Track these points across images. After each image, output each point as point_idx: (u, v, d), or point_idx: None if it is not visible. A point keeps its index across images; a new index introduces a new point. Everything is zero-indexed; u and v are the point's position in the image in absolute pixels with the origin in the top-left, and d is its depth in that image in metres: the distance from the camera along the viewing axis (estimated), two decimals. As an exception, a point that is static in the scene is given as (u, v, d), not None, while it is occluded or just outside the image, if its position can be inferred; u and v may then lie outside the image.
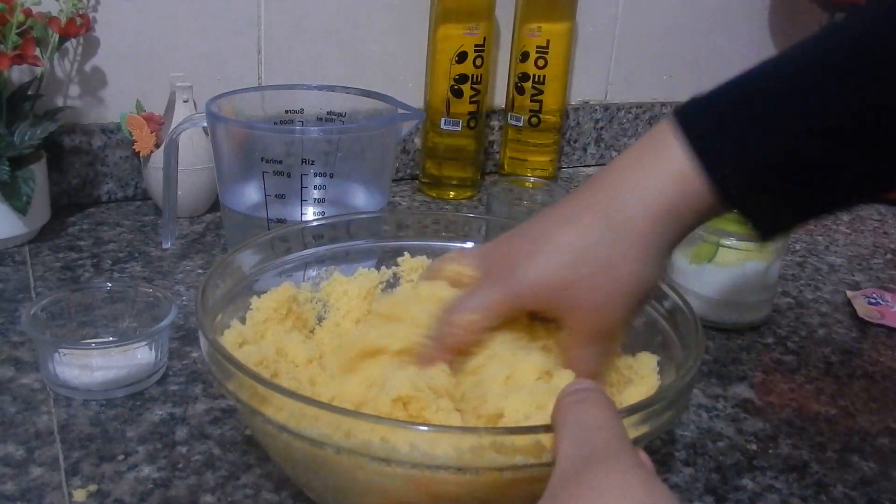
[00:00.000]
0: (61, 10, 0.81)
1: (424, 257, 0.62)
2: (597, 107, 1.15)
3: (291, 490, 0.51)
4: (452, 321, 0.47)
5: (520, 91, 1.04)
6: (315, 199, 0.72)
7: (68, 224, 0.87)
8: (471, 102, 0.98)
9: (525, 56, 1.03)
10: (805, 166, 0.44)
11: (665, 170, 0.44)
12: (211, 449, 0.55)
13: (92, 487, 0.50)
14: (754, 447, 0.59)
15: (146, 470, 0.52)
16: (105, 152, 0.91)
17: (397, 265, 0.62)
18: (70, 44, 0.88)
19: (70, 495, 0.50)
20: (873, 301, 0.81)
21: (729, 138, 0.44)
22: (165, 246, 0.80)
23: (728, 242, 0.72)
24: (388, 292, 0.61)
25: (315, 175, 0.71)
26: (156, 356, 0.61)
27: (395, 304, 0.53)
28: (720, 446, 0.59)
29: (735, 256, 0.73)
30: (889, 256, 0.94)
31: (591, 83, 1.15)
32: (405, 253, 0.62)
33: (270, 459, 0.52)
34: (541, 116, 1.05)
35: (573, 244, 0.44)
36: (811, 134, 0.43)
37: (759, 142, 0.43)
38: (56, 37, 0.81)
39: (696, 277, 0.75)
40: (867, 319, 0.78)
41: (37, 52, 0.79)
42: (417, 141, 1.05)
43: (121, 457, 0.53)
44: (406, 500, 0.42)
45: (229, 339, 0.52)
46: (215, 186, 0.84)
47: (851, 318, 0.79)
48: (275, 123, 0.79)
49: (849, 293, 0.83)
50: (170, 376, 0.62)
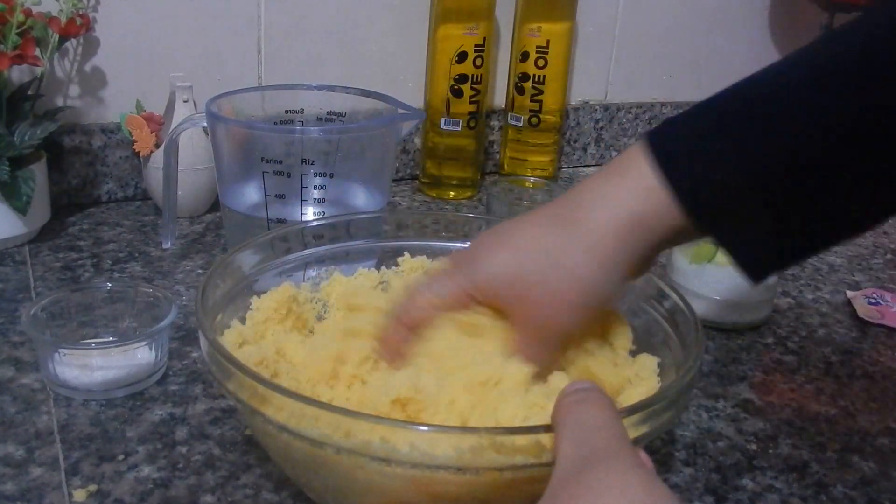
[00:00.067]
0: (61, 10, 0.81)
1: (424, 257, 0.62)
2: (597, 107, 1.15)
3: (291, 490, 0.51)
4: (413, 299, 0.49)
5: (520, 91, 1.05)
6: (315, 199, 0.72)
7: (68, 224, 0.87)
8: (471, 102, 0.98)
9: (525, 56, 1.03)
10: (776, 188, 0.43)
11: (632, 184, 0.45)
12: (211, 449, 0.55)
13: (92, 487, 0.50)
14: (754, 447, 0.59)
15: (146, 470, 0.52)
16: (105, 152, 0.91)
17: (397, 265, 0.62)
18: (70, 44, 0.88)
19: (70, 495, 0.50)
20: (873, 301, 0.81)
21: (695, 152, 0.44)
22: (165, 246, 0.80)
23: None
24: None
25: (315, 175, 0.71)
26: (156, 356, 0.61)
27: (358, 295, 0.56)
28: (720, 446, 0.59)
29: (735, 256, 0.73)
30: (889, 256, 0.94)
31: (591, 83, 1.16)
32: (405, 253, 0.62)
33: (270, 459, 0.52)
34: (541, 116, 1.05)
35: (531, 243, 0.47)
36: (782, 152, 0.43)
37: (725, 157, 0.43)
38: (56, 37, 0.81)
39: (696, 277, 0.75)
40: (867, 319, 0.78)
41: (37, 52, 0.79)
42: (417, 141, 1.05)
43: (121, 457, 0.53)
44: (406, 500, 0.42)
45: (229, 339, 0.52)
46: (215, 186, 0.84)
47: (851, 318, 0.79)
48: (275, 123, 0.79)
49: (849, 293, 0.83)
50: (170, 376, 0.62)
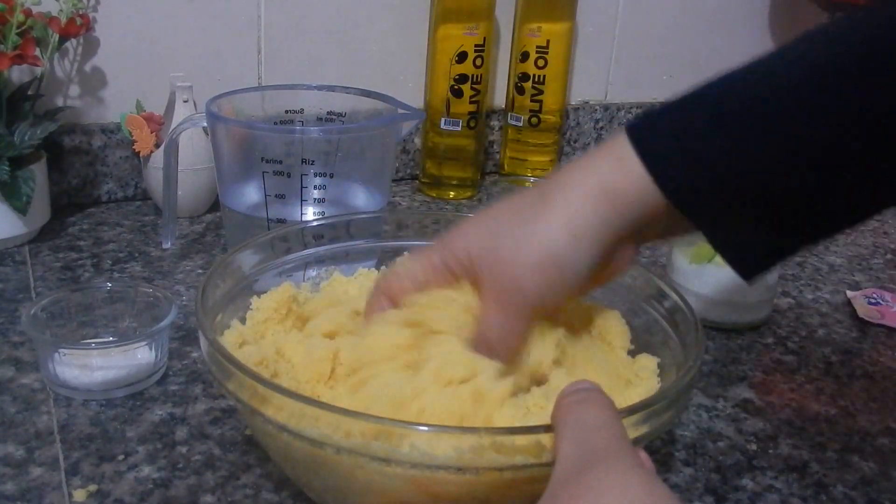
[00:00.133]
0: (61, 10, 0.81)
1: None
2: (597, 107, 1.15)
3: (291, 490, 0.51)
4: (395, 271, 0.51)
5: (520, 91, 1.04)
6: (315, 199, 0.72)
7: (68, 224, 0.87)
8: (471, 102, 0.98)
9: (525, 56, 1.03)
10: (771, 189, 0.43)
11: (606, 156, 0.46)
12: (211, 449, 0.55)
13: (92, 487, 0.50)
14: (754, 447, 0.59)
15: (146, 470, 0.52)
16: (105, 152, 0.91)
17: (397, 265, 0.62)
18: (70, 44, 0.88)
19: (70, 495, 0.50)
20: (873, 301, 0.81)
21: (668, 128, 0.45)
22: (165, 246, 0.80)
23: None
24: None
25: (315, 175, 0.71)
26: (156, 356, 0.61)
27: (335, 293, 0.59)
28: (720, 446, 0.59)
29: (735, 256, 0.73)
30: (889, 256, 0.94)
31: (591, 83, 1.15)
32: (405, 253, 0.62)
33: (270, 459, 0.52)
34: (541, 116, 1.05)
35: (509, 213, 0.48)
36: (781, 153, 0.43)
37: (718, 155, 0.43)
38: (56, 37, 0.81)
39: (696, 277, 0.75)
40: (867, 319, 0.78)
41: (37, 52, 0.79)
42: (417, 141, 1.05)
43: (121, 457, 0.53)
44: (406, 500, 0.42)
45: (229, 339, 0.52)
46: (215, 186, 0.84)
47: (851, 318, 0.79)
48: (275, 123, 0.79)
49: (849, 293, 0.83)
50: (170, 376, 0.62)
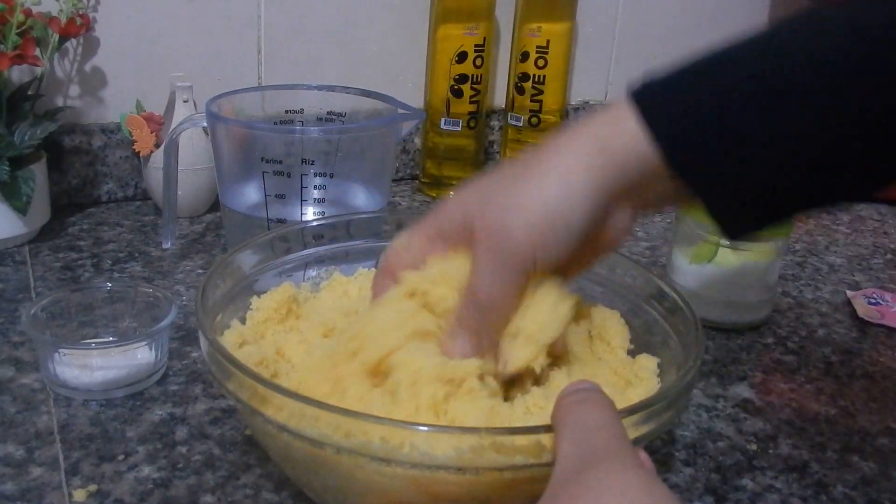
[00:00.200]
0: (61, 10, 0.81)
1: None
2: (597, 107, 1.15)
3: (291, 490, 0.51)
4: (392, 247, 0.50)
5: (520, 91, 1.04)
6: (315, 199, 0.72)
7: (68, 224, 0.87)
8: (471, 102, 0.98)
9: (525, 56, 1.03)
10: (749, 137, 0.42)
11: (602, 115, 0.46)
12: (211, 449, 0.55)
13: (92, 487, 0.50)
14: (754, 447, 0.59)
15: (146, 470, 0.52)
16: (105, 152, 0.91)
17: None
18: (70, 44, 0.88)
19: (70, 495, 0.50)
20: (873, 301, 0.81)
21: (667, 88, 0.44)
22: (165, 246, 0.80)
23: (728, 242, 0.72)
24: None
25: (315, 175, 0.71)
26: (156, 356, 0.61)
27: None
28: (720, 446, 0.59)
29: (735, 256, 0.73)
30: (889, 256, 0.94)
31: (591, 83, 1.15)
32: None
33: (270, 459, 0.52)
34: (541, 116, 1.05)
35: (502, 170, 0.47)
36: (751, 79, 0.42)
37: (697, 93, 0.43)
38: (56, 37, 0.81)
39: (696, 277, 0.75)
40: (867, 319, 0.78)
41: (37, 52, 0.79)
42: (417, 141, 1.05)
43: (121, 457, 0.53)
44: (406, 500, 0.42)
45: (229, 339, 0.52)
46: (215, 186, 0.84)
47: (851, 318, 0.79)
48: (275, 123, 0.79)
49: (849, 293, 0.83)
50: (170, 376, 0.62)
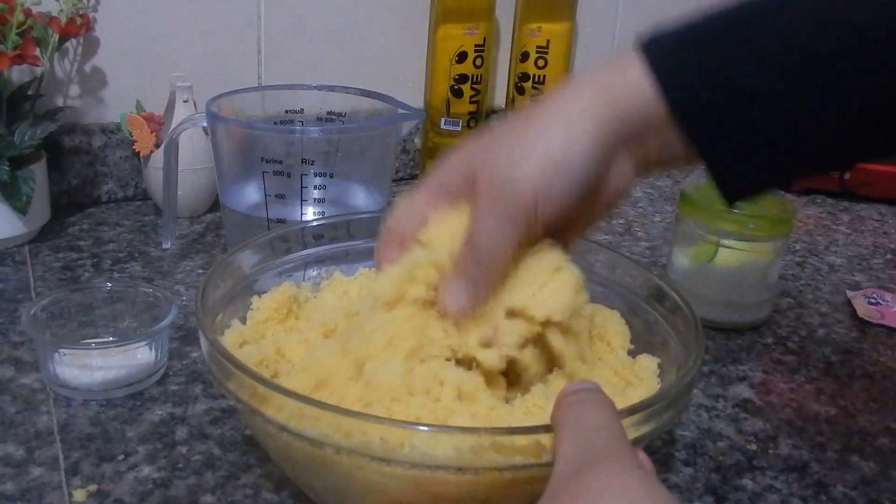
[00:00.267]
0: (61, 10, 0.81)
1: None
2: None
3: (291, 490, 0.51)
4: (395, 212, 0.49)
5: (520, 91, 1.04)
6: (315, 199, 0.72)
7: (68, 224, 0.87)
8: (471, 102, 0.98)
9: (525, 56, 1.03)
10: (759, 94, 0.42)
11: (609, 63, 0.45)
12: (211, 449, 0.55)
13: (92, 487, 0.50)
14: (754, 447, 0.59)
15: (146, 470, 0.52)
16: (105, 152, 0.91)
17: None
18: (70, 44, 0.88)
19: (70, 495, 0.50)
20: (873, 301, 0.81)
21: (677, 39, 0.44)
22: (165, 246, 0.80)
23: (728, 242, 0.72)
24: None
25: (315, 175, 0.71)
26: (156, 356, 0.61)
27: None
28: (720, 446, 0.59)
29: (735, 256, 0.73)
30: (889, 256, 0.94)
31: (591, 83, 1.15)
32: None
33: (270, 459, 0.52)
34: (541, 116, 1.04)
35: (506, 121, 0.47)
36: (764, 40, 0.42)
37: (706, 42, 0.43)
38: (56, 37, 0.81)
39: (696, 277, 0.75)
40: (867, 319, 0.78)
41: (37, 52, 0.79)
42: (417, 141, 1.05)
43: (121, 457, 0.53)
44: (406, 500, 0.42)
45: (230, 339, 0.52)
46: (215, 186, 0.84)
47: (851, 318, 0.79)
48: (275, 123, 0.79)
49: (849, 293, 0.83)
50: (170, 376, 0.62)
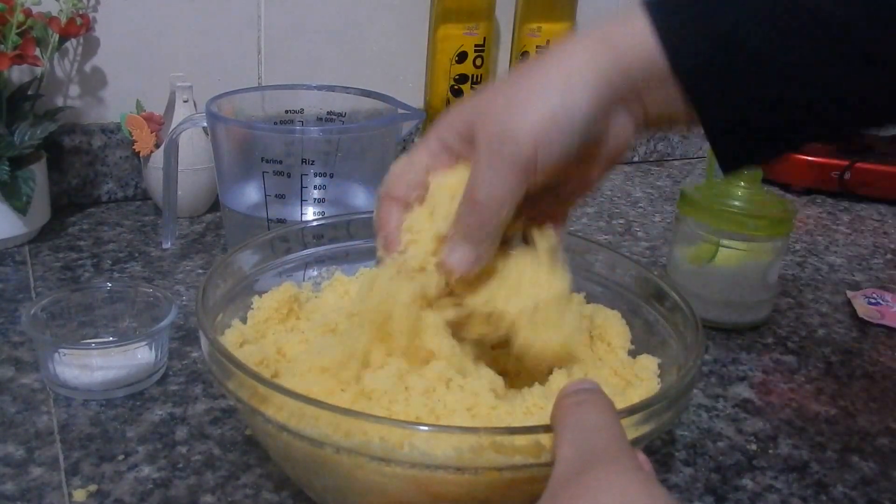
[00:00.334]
0: (61, 10, 0.81)
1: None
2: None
3: (291, 490, 0.51)
4: (393, 172, 0.48)
5: (520, 91, 1.04)
6: (315, 199, 0.72)
7: (68, 224, 0.87)
8: (471, 102, 0.98)
9: (525, 56, 1.03)
10: (762, 53, 0.41)
11: (613, 17, 0.45)
12: (211, 449, 0.55)
13: (92, 487, 0.50)
14: (754, 447, 0.59)
15: (146, 470, 0.52)
16: (105, 152, 0.91)
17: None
18: (70, 44, 0.88)
19: (70, 495, 0.50)
20: (873, 301, 0.81)
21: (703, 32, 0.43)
22: (165, 246, 0.80)
23: (728, 242, 0.72)
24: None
25: (315, 175, 0.71)
26: (156, 356, 0.61)
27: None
28: (720, 446, 0.59)
29: (735, 256, 0.73)
30: (889, 256, 0.94)
31: (591, 83, 1.15)
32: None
33: (270, 459, 0.52)
34: (541, 116, 1.05)
35: (507, 75, 0.46)
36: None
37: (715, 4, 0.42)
38: (56, 37, 0.81)
39: (696, 277, 0.75)
40: (867, 319, 0.78)
41: (37, 52, 0.79)
42: (417, 141, 1.05)
43: (121, 457, 0.53)
44: (406, 500, 0.42)
45: (230, 339, 0.52)
46: (215, 186, 0.84)
47: (851, 318, 0.79)
48: (275, 123, 0.79)
49: (849, 293, 0.83)
50: (170, 376, 0.62)
